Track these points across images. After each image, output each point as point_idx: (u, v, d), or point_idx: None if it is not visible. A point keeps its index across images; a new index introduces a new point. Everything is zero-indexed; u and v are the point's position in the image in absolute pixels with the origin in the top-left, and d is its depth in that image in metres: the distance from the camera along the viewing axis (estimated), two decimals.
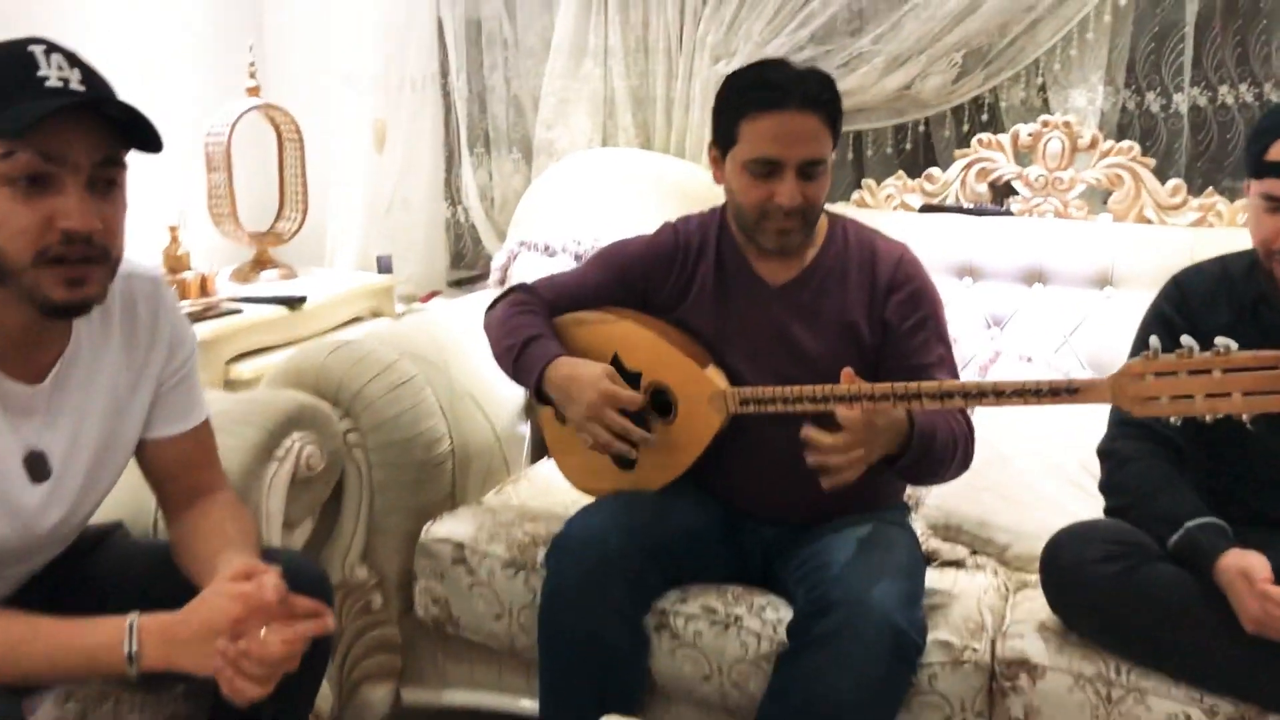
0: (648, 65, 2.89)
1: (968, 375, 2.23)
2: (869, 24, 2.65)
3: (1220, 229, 2.35)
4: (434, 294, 3.30)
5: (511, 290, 1.98)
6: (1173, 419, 1.39)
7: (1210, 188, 2.41)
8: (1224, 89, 2.59)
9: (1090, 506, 1.95)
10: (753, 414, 1.70)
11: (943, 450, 1.66)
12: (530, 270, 2.53)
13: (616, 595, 1.71)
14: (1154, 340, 1.40)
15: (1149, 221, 2.41)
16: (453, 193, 3.38)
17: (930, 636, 1.66)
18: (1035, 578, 1.92)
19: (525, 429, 2.36)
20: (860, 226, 1.88)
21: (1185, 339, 1.38)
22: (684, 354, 1.80)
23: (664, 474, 1.84)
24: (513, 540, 1.94)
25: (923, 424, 1.61)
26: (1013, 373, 2.26)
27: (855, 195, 2.65)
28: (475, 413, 2.20)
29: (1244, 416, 1.34)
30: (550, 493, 2.14)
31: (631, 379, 1.84)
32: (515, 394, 2.28)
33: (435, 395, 2.10)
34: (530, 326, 1.87)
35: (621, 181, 2.71)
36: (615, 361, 1.86)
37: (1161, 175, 2.44)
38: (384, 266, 3.22)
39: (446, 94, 3.26)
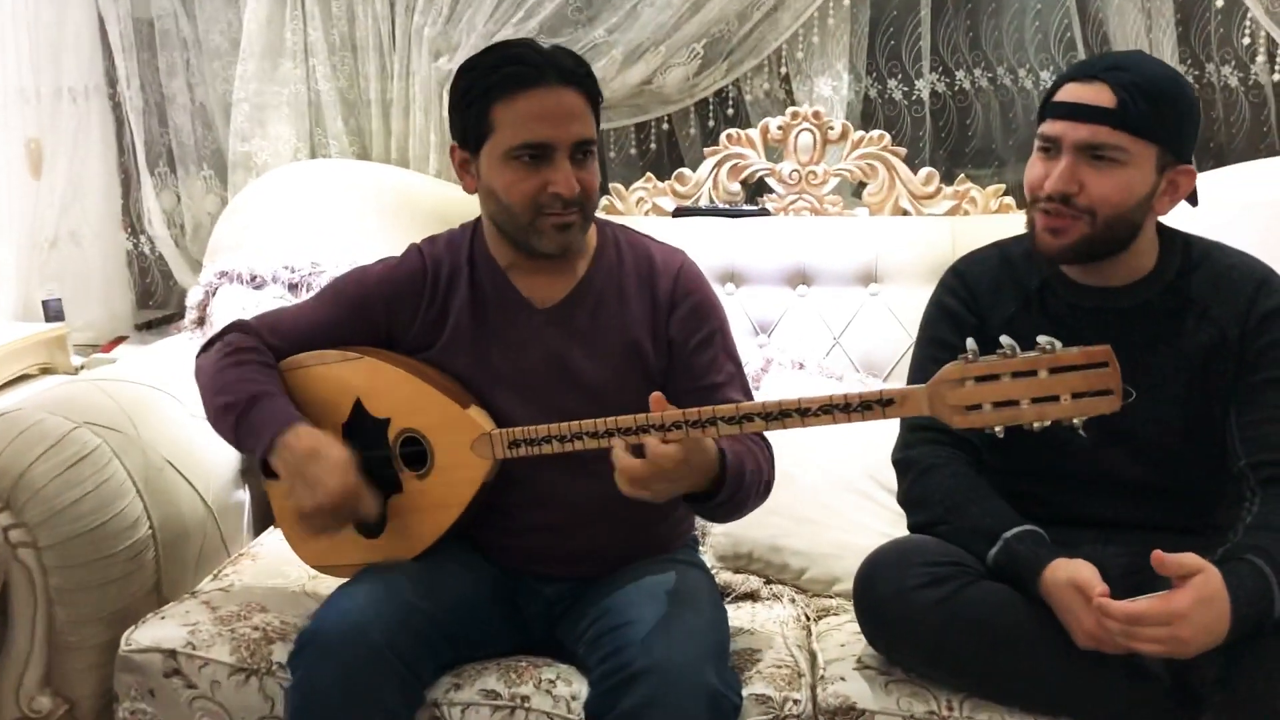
0: (357, 64, 2.64)
1: None
2: (602, 13, 2.52)
3: (976, 216, 2.36)
4: (119, 340, 2.93)
5: (228, 330, 1.70)
6: (997, 429, 1.27)
7: (962, 174, 2.41)
8: (960, 74, 2.60)
9: (885, 518, 1.92)
10: (525, 457, 1.50)
11: (751, 483, 1.52)
12: (234, 306, 2.23)
13: (386, 696, 1.46)
14: (970, 341, 1.28)
15: (906, 212, 2.40)
16: (133, 221, 3.00)
17: (745, 691, 1.52)
18: (835, 602, 1.89)
19: (244, 495, 2.05)
20: (630, 232, 1.72)
21: (1005, 339, 1.26)
22: (440, 393, 1.58)
23: (421, 539, 1.62)
24: (240, 639, 1.63)
25: (733, 457, 1.46)
26: (786, 382, 2.17)
27: (604, 201, 2.51)
28: (179, 484, 1.88)
29: (1076, 421, 1.24)
30: (283, 571, 1.86)
31: (378, 428, 1.61)
32: (228, 454, 1.98)
33: (126, 469, 1.77)
34: (254, 380, 1.59)
35: (338, 197, 2.44)
36: (358, 407, 1.62)
37: (909, 164, 2.42)
38: (53, 312, 2.82)
39: (117, 106, 2.89)
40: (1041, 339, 1.24)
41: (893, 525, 1.85)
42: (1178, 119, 1.49)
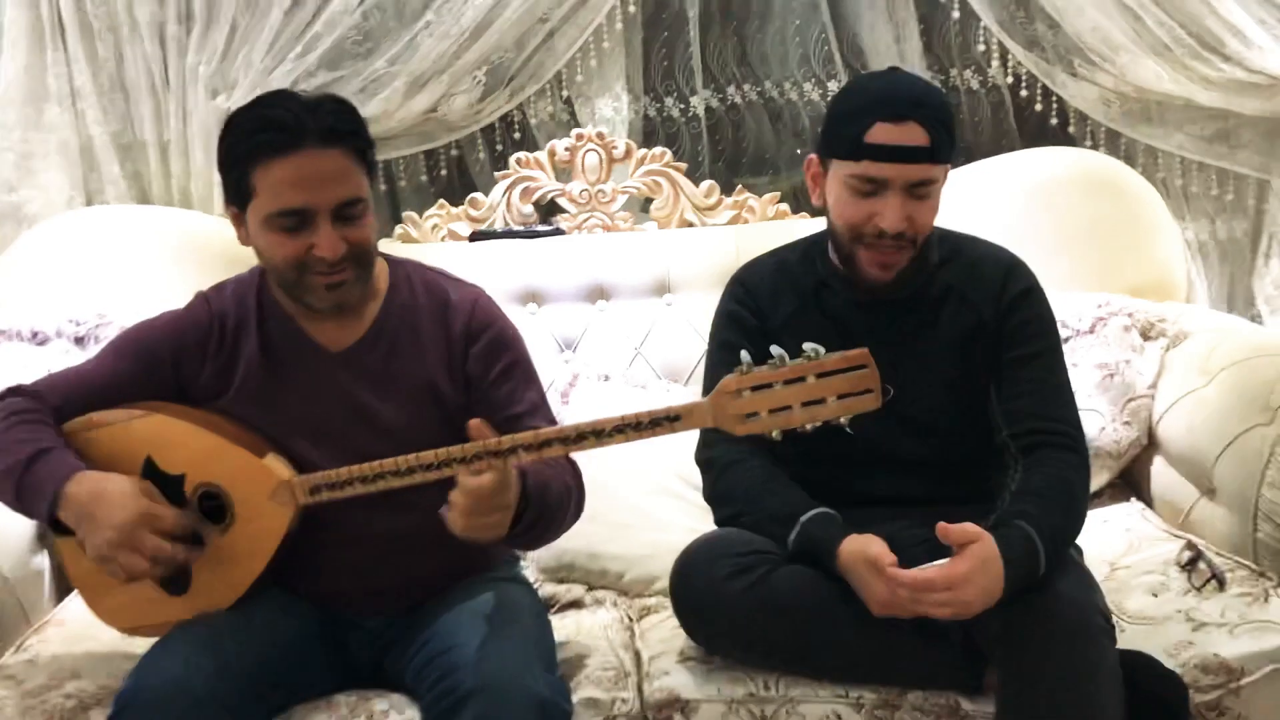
0: (130, 106, 2.53)
1: (551, 402, 2.14)
2: (381, 44, 2.50)
3: (755, 224, 2.48)
4: None
5: (3, 396, 1.62)
6: (774, 433, 1.37)
7: (739, 185, 2.52)
8: (731, 89, 2.72)
9: (696, 515, 1.97)
10: (328, 501, 1.49)
11: (558, 505, 1.55)
12: (17, 365, 2.09)
13: None
14: (744, 354, 1.38)
15: (690, 224, 2.49)
16: None
17: (575, 697, 1.56)
18: (655, 600, 1.93)
19: (44, 560, 1.95)
20: (425, 270, 1.71)
21: (775, 349, 1.36)
22: (234, 444, 1.55)
23: (230, 592, 1.58)
24: (53, 710, 1.57)
25: (535, 480, 1.48)
26: (593, 395, 2.22)
27: (398, 230, 2.50)
28: None
29: (842, 420, 1.36)
30: (93, 635, 1.76)
31: (173, 484, 1.56)
32: (24, 521, 1.84)
33: None
34: (32, 440, 1.52)
35: (121, 243, 2.35)
36: (150, 464, 1.56)
37: (691, 178, 2.51)
38: None
39: None
40: (807, 346, 1.34)
41: (702, 521, 1.88)
42: (955, 134, 1.62)
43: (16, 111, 2.51)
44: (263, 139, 1.47)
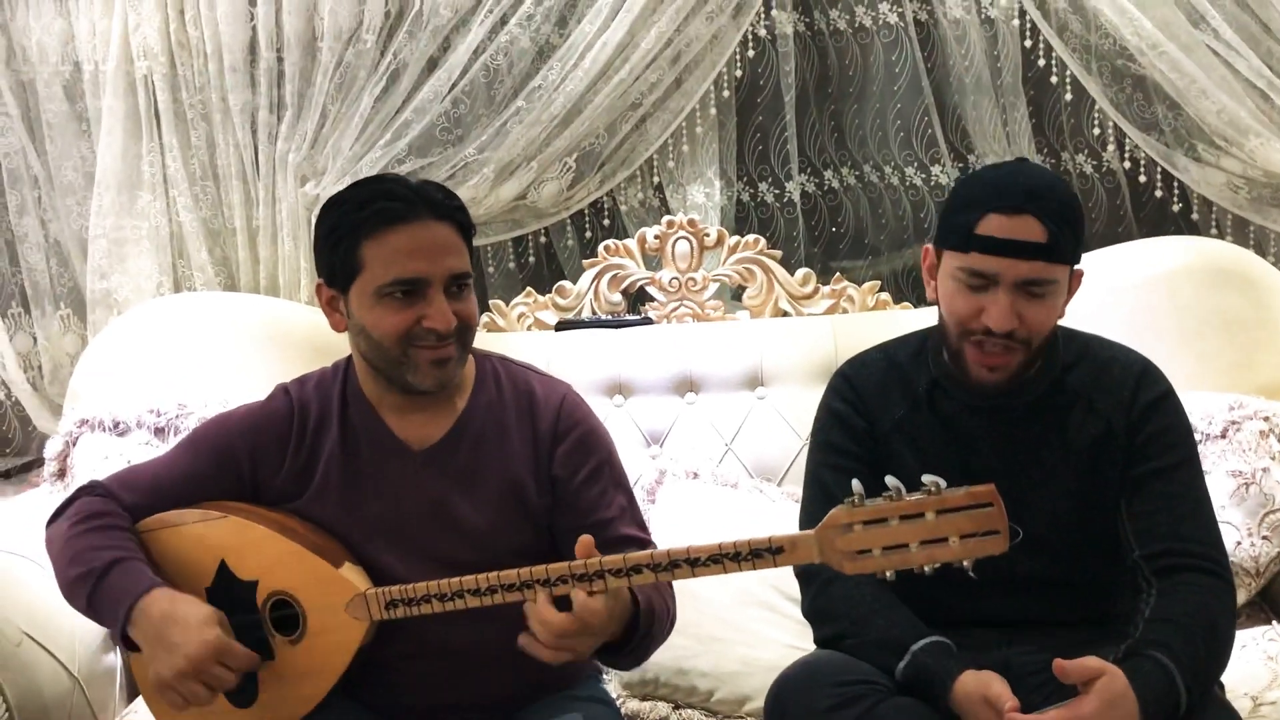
0: (219, 193, 2.57)
1: (637, 499, 2.06)
2: (470, 132, 2.50)
3: (854, 314, 2.38)
4: None
5: (78, 494, 1.58)
6: (889, 574, 1.27)
7: (838, 274, 2.44)
8: (828, 173, 2.65)
9: (790, 630, 1.88)
10: (403, 617, 1.44)
11: (660, 624, 1.47)
12: (96, 455, 2.11)
13: None
14: (856, 484, 1.28)
15: (785, 314, 2.42)
16: None
17: None
18: None
19: (115, 659, 1.93)
20: (511, 365, 1.65)
21: (890, 480, 1.26)
22: (311, 551, 1.49)
23: (299, 704, 1.51)
24: None
25: (644, 599, 1.41)
26: (681, 494, 2.14)
27: (484, 318, 2.46)
28: (38, 656, 1.75)
29: (965, 563, 1.25)
30: None
31: (246, 589, 1.51)
32: None
33: None
34: (108, 548, 1.48)
35: (205, 331, 2.35)
36: (223, 569, 1.52)
37: (785, 265, 2.44)
38: None
39: None
40: (926, 479, 1.24)
41: (798, 637, 1.81)
42: (1083, 232, 1.52)
43: (111, 198, 2.57)
44: (377, 208, 1.45)
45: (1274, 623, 1.97)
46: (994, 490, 1.23)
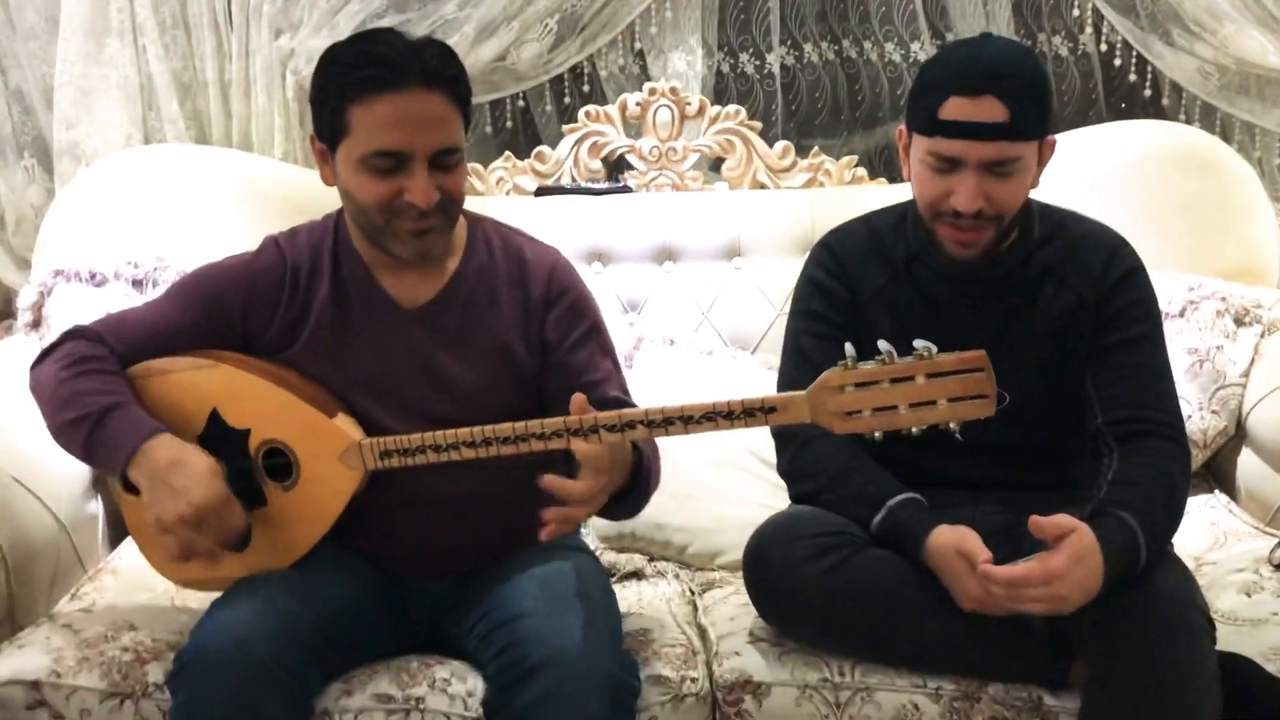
0: (191, 44, 2.48)
1: None
2: None
3: (831, 188, 2.41)
4: None
5: (66, 338, 1.57)
6: (876, 434, 1.30)
7: (816, 147, 2.44)
8: (808, 47, 2.63)
9: (763, 489, 1.95)
10: (398, 467, 1.46)
11: (653, 479, 1.53)
12: (74, 306, 2.07)
13: (276, 712, 1.39)
14: (849, 347, 1.31)
15: (764, 186, 2.42)
16: None
17: (642, 673, 1.52)
18: (718, 575, 1.90)
19: (98, 506, 1.93)
20: (503, 229, 1.65)
21: (883, 344, 1.29)
22: (305, 401, 1.50)
23: (289, 552, 1.55)
24: (110, 662, 1.53)
25: (642, 449, 1.46)
26: (657, 360, 2.17)
27: None
28: (26, 501, 1.75)
29: (952, 425, 1.28)
30: (148, 585, 1.75)
31: (238, 438, 1.52)
32: (78, 464, 1.81)
33: None
34: (103, 391, 1.48)
35: (181, 185, 2.29)
36: (215, 418, 1.53)
37: (764, 138, 2.44)
38: None
39: None
40: (918, 344, 1.27)
41: (771, 496, 1.87)
42: (1050, 104, 1.53)
43: (78, 45, 2.46)
44: (365, 74, 1.41)
45: (1216, 491, 2.08)
46: (984, 356, 1.26)
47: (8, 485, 1.70)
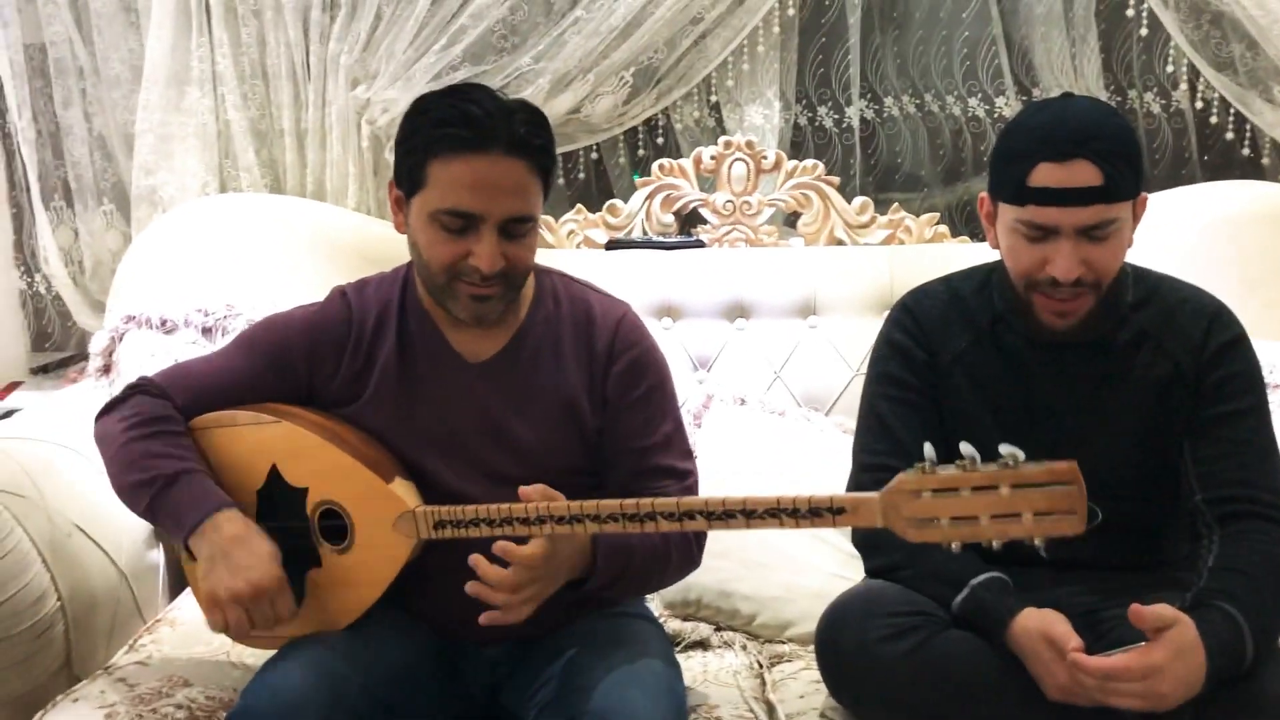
0: (269, 93, 2.50)
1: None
2: (527, 40, 2.43)
3: (911, 245, 2.35)
4: (13, 386, 2.73)
5: (132, 391, 1.56)
6: (954, 545, 1.21)
7: (896, 203, 2.39)
8: (889, 100, 2.58)
9: (835, 559, 1.88)
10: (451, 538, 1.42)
11: (646, 565, 1.47)
12: (144, 353, 2.09)
13: None
14: (929, 449, 1.22)
15: (841, 242, 2.37)
16: (26, 258, 2.82)
17: None
18: (788, 648, 1.82)
19: (158, 556, 1.92)
20: (571, 282, 1.62)
21: (965, 447, 1.19)
22: (363, 463, 1.47)
23: (343, 614, 1.51)
24: (164, 718, 1.49)
25: (611, 544, 1.41)
26: (728, 419, 2.12)
27: None
28: (88, 549, 1.74)
29: (1038, 541, 1.18)
30: (204, 638, 1.73)
31: (295, 496, 1.50)
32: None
33: (30, 536, 1.63)
34: (172, 456, 1.48)
35: (253, 233, 2.31)
36: (274, 474, 1.51)
37: (841, 193, 2.39)
38: None
39: (7, 137, 2.71)
40: (1004, 449, 1.17)
41: (843, 566, 1.81)
42: (1141, 161, 1.46)
43: (159, 93, 2.51)
44: (450, 132, 1.39)
45: None
46: (1075, 468, 1.16)
47: (70, 534, 1.70)
